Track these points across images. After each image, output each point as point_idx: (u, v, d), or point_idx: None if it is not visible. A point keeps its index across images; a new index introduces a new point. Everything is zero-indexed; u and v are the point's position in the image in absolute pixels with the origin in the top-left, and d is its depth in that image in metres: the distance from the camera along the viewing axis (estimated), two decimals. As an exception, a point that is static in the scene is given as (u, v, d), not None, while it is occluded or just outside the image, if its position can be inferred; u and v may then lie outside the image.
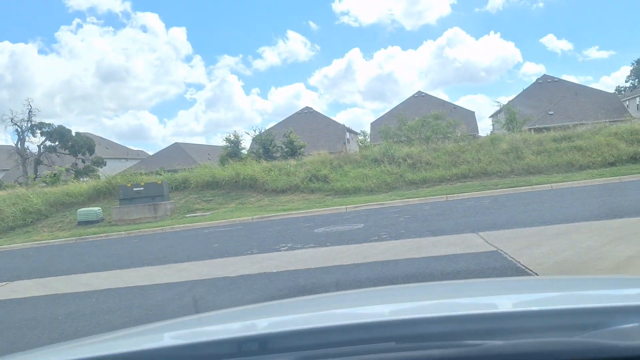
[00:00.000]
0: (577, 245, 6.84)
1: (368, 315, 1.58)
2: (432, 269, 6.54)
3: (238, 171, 21.93)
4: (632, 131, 20.18)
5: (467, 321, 1.19)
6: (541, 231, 8.32)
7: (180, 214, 19.69)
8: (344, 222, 12.88)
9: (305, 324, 1.38)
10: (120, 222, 19.33)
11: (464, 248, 7.62)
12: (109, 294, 7.45)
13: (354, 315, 1.60)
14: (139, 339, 1.54)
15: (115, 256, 11.98)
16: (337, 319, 1.55)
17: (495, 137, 23.21)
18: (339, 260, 7.91)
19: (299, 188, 20.45)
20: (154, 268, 9.26)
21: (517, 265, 6.09)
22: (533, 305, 1.48)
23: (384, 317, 1.43)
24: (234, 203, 20.21)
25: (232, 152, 32.46)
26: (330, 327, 1.28)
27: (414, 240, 8.96)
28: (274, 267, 7.87)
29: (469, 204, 14.02)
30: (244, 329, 1.50)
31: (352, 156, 23.63)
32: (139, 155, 63.26)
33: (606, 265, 5.64)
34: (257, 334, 1.29)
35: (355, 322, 1.32)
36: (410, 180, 19.51)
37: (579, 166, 18.51)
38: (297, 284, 6.58)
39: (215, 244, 11.81)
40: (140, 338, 1.57)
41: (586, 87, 53.34)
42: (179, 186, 22.49)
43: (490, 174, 19.07)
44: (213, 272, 8.15)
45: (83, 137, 43.83)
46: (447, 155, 20.88)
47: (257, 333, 1.31)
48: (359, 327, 1.23)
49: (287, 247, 9.77)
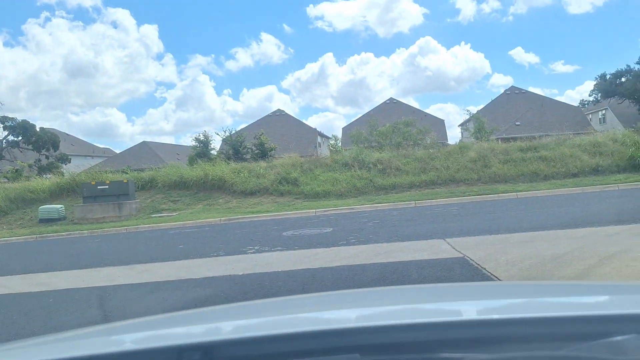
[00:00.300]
0: (541, 253, 6.94)
1: (332, 320, 1.51)
2: (400, 274, 6.53)
3: (207, 172, 21.64)
4: (595, 144, 20.81)
5: (441, 329, 1.12)
6: (507, 239, 8.43)
7: (145, 214, 19.28)
8: (313, 226, 12.82)
9: (261, 330, 1.30)
10: (83, 221, 18.80)
11: (431, 254, 7.65)
12: (68, 294, 7.19)
13: (316, 321, 1.52)
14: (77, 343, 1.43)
15: (76, 256, 11.62)
16: (298, 324, 1.47)
17: (463, 146, 23.58)
18: (306, 263, 7.83)
19: (269, 190, 20.31)
20: (115, 268, 9.00)
21: (483, 271, 6.14)
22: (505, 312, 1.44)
23: (349, 324, 1.35)
24: (202, 204, 19.92)
25: (202, 152, 32.09)
26: (289, 334, 1.18)
27: (382, 245, 8.95)
28: (240, 269, 7.74)
29: (437, 211, 14.16)
30: (191, 335, 1.40)
31: (323, 160, 23.63)
32: (105, 153, 61.95)
33: (569, 272, 5.73)
34: (199, 342, 1.18)
35: (317, 329, 1.23)
36: (380, 186, 19.61)
37: (543, 176, 18.94)
38: (263, 287, 6.47)
39: (180, 245, 11.57)
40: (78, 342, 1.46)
41: (552, 100, 54.83)
42: (146, 185, 22.05)
43: (458, 182, 19.33)
44: (177, 273, 7.96)
45: (48, 132, 42.57)
46: (416, 162, 21.08)
47: (200, 341, 1.19)
48: (321, 334, 1.15)
49: (254, 250, 9.65)
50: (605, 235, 7.94)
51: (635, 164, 18.66)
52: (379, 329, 1.14)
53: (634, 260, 6.03)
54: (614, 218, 9.85)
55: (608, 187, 16.48)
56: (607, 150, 20.07)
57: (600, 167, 18.97)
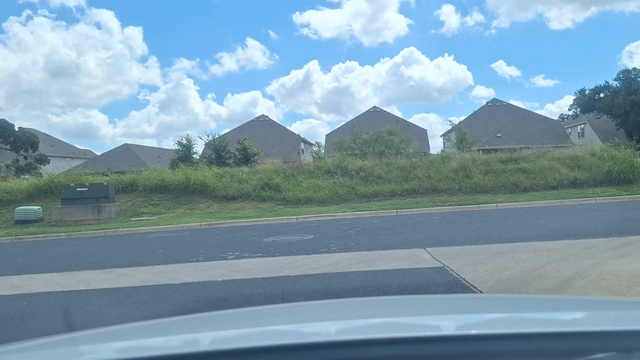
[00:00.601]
0: (519, 264, 7.02)
1: (311, 334, 1.50)
2: (380, 282, 6.54)
3: (188, 176, 21.47)
4: (574, 157, 21.19)
5: (421, 344, 1.12)
6: (486, 249, 8.51)
7: (125, 217, 19.03)
8: (294, 233, 12.78)
9: (239, 343, 1.28)
10: (60, 223, 18.47)
11: (411, 263, 7.69)
12: (43, 298, 7.06)
13: (295, 334, 1.51)
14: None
15: (53, 258, 11.41)
16: (276, 336, 1.45)
17: (445, 156, 23.80)
18: (287, 270, 7.80)
19: (251, 196, 20.22)
20: (92, 272, 8.85)
21: (462, 281, 6.18)
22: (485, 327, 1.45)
23: (328, 338, 1.34)
24: (183, 208, 19.74)
25: (184, 156, 31.85)
26: (267, 347, 1.17)
27: (363, 253, 8.97)
28: (220, 275, 7.67)
29: (418, 220, 14.24)
30: (167, 347, 1.38)
31: (306, 166, 23.63)
32: (85, 155, 61.09)
33: (547, 285, 5.80)
34: (175, 353, 1.16)
35: (295, 342, 1.22)
36: (362, 193, 19.66)
37: (523, 188, 19.20)
38: (242, 294, 6.42)
39: (160, 250, 11.44)
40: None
41: (532, 113, 55.74)
42: (126, 188, 21.77)
43: (439, 191, 19.48)
44: (155, 278, 7.86)
45: (27, 132, 41.82)
46: (398, 171, 21.20)
47: (176, 353, 1.17)
48: (299, 347, 1.14)
49: (234, 256, 9.58)
50: (583, 247, 8.07)
51: (612, 178, 19.05)
52: (358, 343, 1.14)
53: (610, 273, 6.13)
54: (591, 231, 10.02)
55: (586, 200, 16.78)
56: (585, 164, 20.45)
57: (579, 181, 19.30)
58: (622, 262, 6.70)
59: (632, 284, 5.63)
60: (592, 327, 1.36)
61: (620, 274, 6.06)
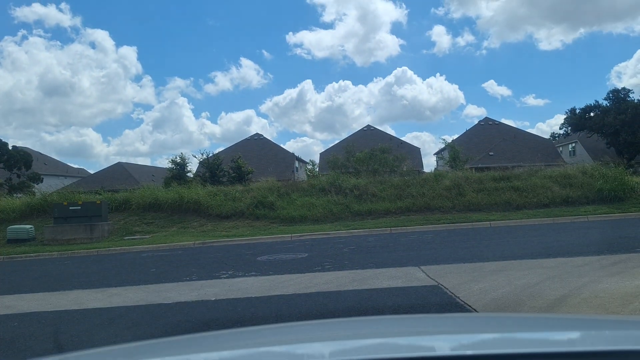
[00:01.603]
0: (513, 282, 7.03)
1: (305, 356, 1.50)
2: (375, 301, 6.52)
3: (182, 194, 21.41)
4: (565, 175, 21.32)
5: None
6: (480, 267, 8.52)
7: (118, 236, 18.91)
8: (288, 251, 12.74)
9: None
10: (53, 242, 18.32)
11: (406, 281, 7.67)
12: (34, 318, 6.97)
13: (289, 356, 1.51)
14: None
15: (45, 278, 11.29)
16: (270, 358, 1.45)
17: (439, 174, 23.88)
18: (281, 289, 7.76)
19: (245, 214, 20.18)
20: (84, 292, 8.77)
21: (457, 300, 6.17)
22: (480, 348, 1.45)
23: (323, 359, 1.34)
24: (176, 227, 19.65)
25: (178, 174, 31.81)
26: None
27: (357, 271, 8.95)
28: (213, 295, 7.62)
29: (412, 238, 14.24)
30: None
31: (300, 184, 23.63)
32: (79, 174, 60.86)
33: (540, 303, 5.81)
34: None
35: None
36: (356, 211, 19.67)
37: (516, 206, 19.27)
38: (236, 314, 6.37)
39: (152, 269, 11.35)
40: None
41: (524, 132, 56.22)
42: (120, 207, 21.67)
43: (433, 209, 19.52)
44: (148, 298, 7.80)
45: (20, 151, 41.64)
46: (392, 189, 21.25)
47: None
48: None
49: (227, 275, 9.52)
50: (576, 265, 8.09)
51: (603, 196, 19.17)
52: None
53: (603, 291, 6.14)
54: (584, 249, 10.06)
55: (578, 218, 16.86)
56: (577, 182, 20.58)
57: (571, 199, 19.41)
58: (615, 280, 6.73)
59: (626, 302, 5.65)
60: (587, 347, 1.36)
61: (613, 292, 6.08)
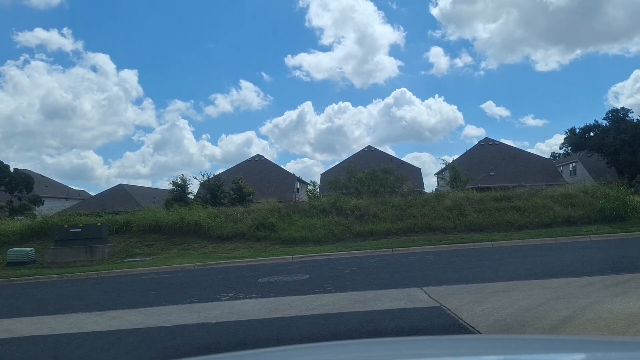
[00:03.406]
0: (516, 303, 6.97)
1: None
2: (377, 323, 6.46)
3: (183, 216, 21.38)
4: (567, 195, 21.30)
5: None
6: (483, 288, 8.45)
7: (118, 258, 18.82)
8: (289, 273, 12.67)
9: None
10: (53, 265, 18.23)
11: (408, 303, 7.61)
12: (32, 341, 6.92)
13: None
14: None
15: (44, 301, 11.23)
16: None
17: (440, 194, 23.87)
18: (282, 312, 7.70)
19: (245, 236, 20.11)
20: (84, 315, 8.70)
21: (460, 322, 6.11)
22: None
23: None
24: (177, 249, 19.57)
25: (178, 196, 31.80)
26: None
27: (359, 293, 8.88)
28: (214, 317, 7.56)
29: (414, 259, 14.17)
30: None
31: (301, 205, 23.61)
32: (80, 196, 60.89)
33: (544, 324, 5.75)
34: None
35: None
36: (357, 232, 19.59)
37: (517, 226, 19.20)
38: (237, 337, 6.31)
39: (153, 291, 11.28)
40: None
41: (524, 152, 56.36)
42: (120, 229, 21.62)
43: (434, 229, 19.45)
44: (148, 321, 7.73)
45: (22, 173, 41.79)
46: (394, 209, 21.21)
47: None
48: None
49: (228, 297, 9.45)
50: (579, 286, 8.03)
51: (605, 215, 19.11)
52: None
53: (607, 312, 6.08)
54: (587, 269, 9.99)
55: (580, 238, 16.78)
56: (578, 202, 20.54)
57: (572, 218, 19.34)
58: (619, 301, 6.67)
59: (631, 322, 5.59)
60: None
61: (618, 312, 6.02)
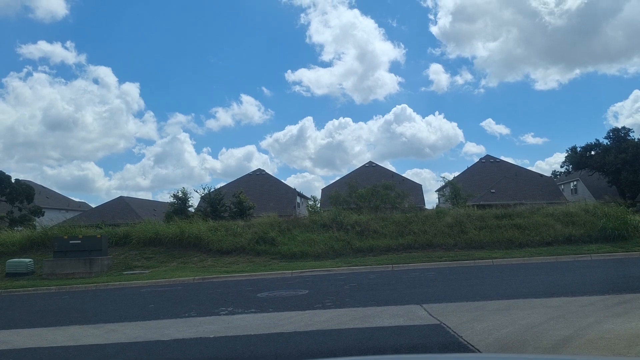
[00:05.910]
0: (517, 321, 6.91)
1: None
2: (376, 340, 6.40)
3: (183, 229, 21.35)
4: (568, 214, 21.27)
5: None
6: (483, 306, 8.40)
7: (117, 271, 18.75)
8: (289, 288, 12.60)
9: None
10: (51, 276, 18.18)
11: (407, 320, 7.56)
12: (29, 354, 6.87)
13: None
14: None
15: (42, 313, 11.17)
16: None
17: (440, 211, 23.84)
18: (280, 327, 7.64)
19: (245, 250, 20.06)
20: (81, 327, 8.65)
21: (460, 340, 6.06)
22: None
23: None
24: (176, 262, 19.50)
25: (179, 209, 31.77)
26: None
27: (358, 309, 8.82)
28: (212, 332, 7.50)
29: (414, 275, 14.10)
30: None
31: (301, 220, 23.57)
32: (80, 207, 60.94)
33: (545, 343, 5.69)
34: None
35: None
36: (358, 248, 19.54)
37: (518, 243, 19.14)
38: (234, 352, 6.26)
39: (151, 305, 11.22)
40: None
41: (525, 169, 56.41)
42: (120, 241, 21.59)
43: (435, 246, 19.39)
44: (145, 334, 7.67)
45: (22, 184, 41.83)
46: (394, 225, 21.18)
47: None
48: None
49: (227, 312, 9.39)
50: (580, 305, 7.97)
51: (606, 234, 19.05)
52: None
53: (609, 332, 6.03)
54: (588, 288, 9.94)
55: (581, 256, 16.72)
56: (579, 220, 20.50)
57: (573, 237, 19.28)
58: (620, 321, 6.61)
59: (633, 343, 5.54)
60: None
61: (619, 332, 5.97)
